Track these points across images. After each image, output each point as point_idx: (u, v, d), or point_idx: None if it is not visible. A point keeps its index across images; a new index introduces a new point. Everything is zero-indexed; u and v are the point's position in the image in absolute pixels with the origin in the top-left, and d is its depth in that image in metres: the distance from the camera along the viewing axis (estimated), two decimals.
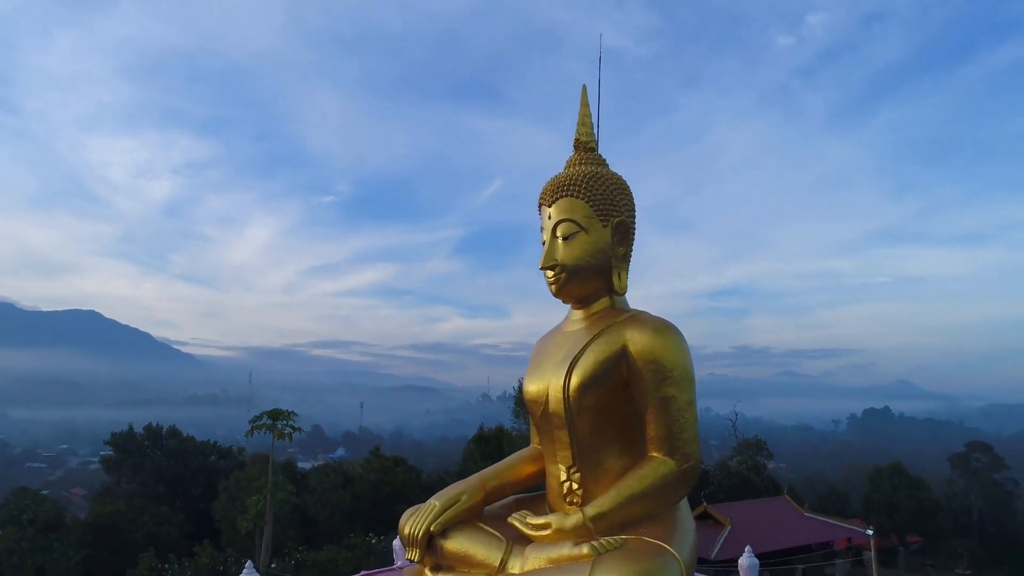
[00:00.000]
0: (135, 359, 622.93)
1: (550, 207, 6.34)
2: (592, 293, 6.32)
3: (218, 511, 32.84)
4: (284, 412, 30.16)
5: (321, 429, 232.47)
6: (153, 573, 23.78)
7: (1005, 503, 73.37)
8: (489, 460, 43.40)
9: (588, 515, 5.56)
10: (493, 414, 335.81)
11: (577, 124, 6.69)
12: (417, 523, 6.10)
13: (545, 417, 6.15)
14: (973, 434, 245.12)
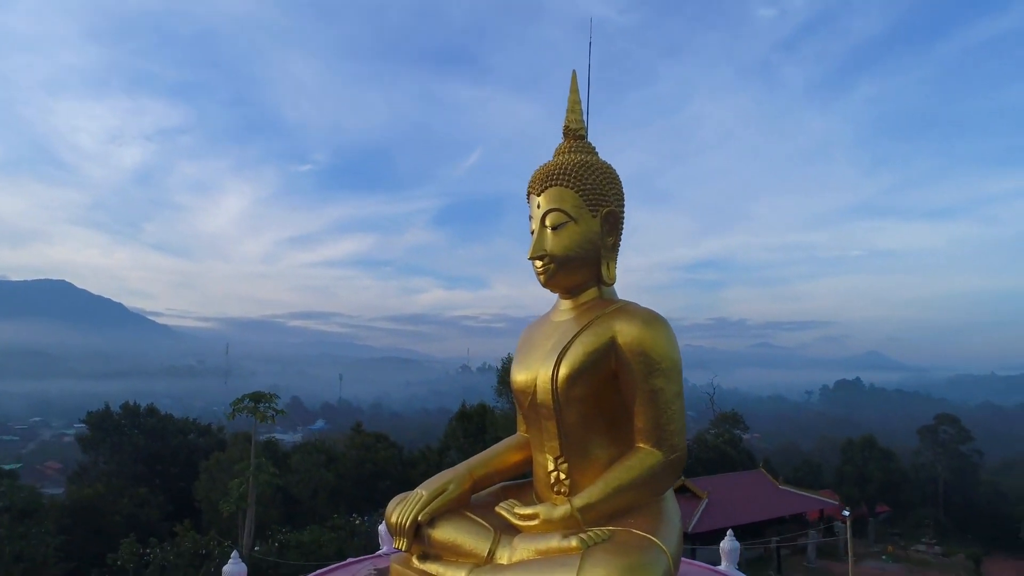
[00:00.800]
0: (108, 330, 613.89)
1: (539, 196, 6.28)
2: (581, 283, 6.30)
3: (199, 492, 32.69)
4: (266, 395, 29.99)
5: (300, 401, 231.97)
6: (135, 558, 23.69)
7: (970, 474, 75.56)
8: (471, 438, 43.95)
9: (576, 506, 5.59)
10: (473, 385, 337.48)
11: (567, 111, 6.57)
12: (405, 512, 6.13)
13: (533, 407, 6.14)
14: (941, 405, 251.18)
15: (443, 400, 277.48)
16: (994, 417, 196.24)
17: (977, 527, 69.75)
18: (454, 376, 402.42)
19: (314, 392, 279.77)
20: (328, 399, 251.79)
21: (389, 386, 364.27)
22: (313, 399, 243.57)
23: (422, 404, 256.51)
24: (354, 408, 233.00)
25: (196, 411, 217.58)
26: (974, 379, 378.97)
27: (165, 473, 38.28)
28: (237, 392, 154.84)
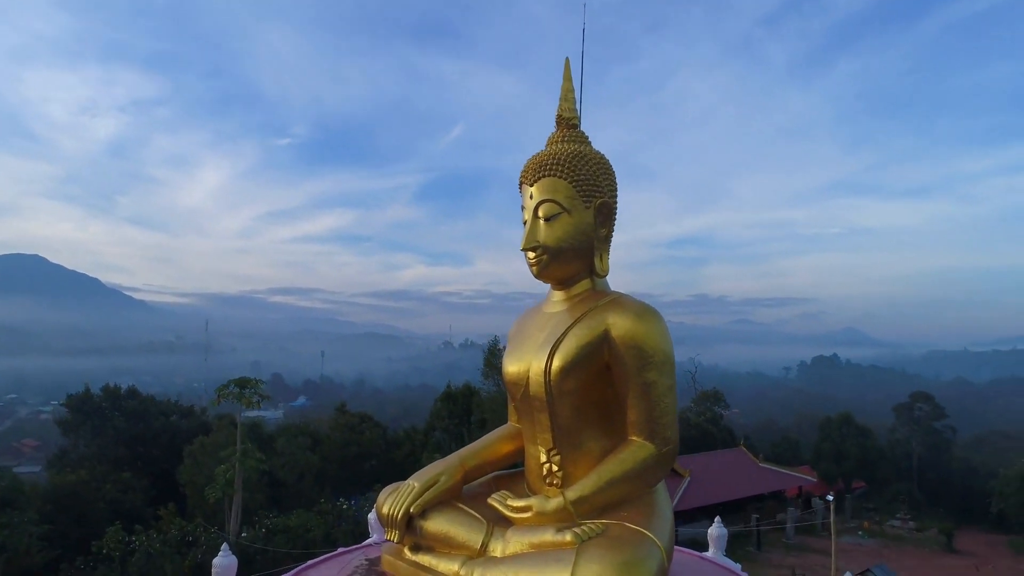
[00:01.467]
0: (84, 306, 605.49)
1: (532, 186, 6.21)
2: (573, 275, 6.27)
3: (183, 476, 32.40)
4: (251, 380, 29.72)
5: (281, 377, 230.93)
6: (121, 546, 23.45)
7: (943, 450, 77.27)
8: (456, 419, 43.90)
9: (569, 499, 5.62)
10: (456, 362, 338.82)
11: (560, 99, 6.48)
12: (396, 504, 6.12)
13: (525, 399, 6.14)
14: (915, 381, 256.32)
15: (425, 376, 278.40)
16: (966, 393, 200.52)
17: (949, 501, 71.54)
18: (436, 352, 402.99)
19: (295, 369, 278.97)
20: (310, 376, 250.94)
21: (371, 362, 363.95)
22: (295, 376, 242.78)
23: (404, 380, 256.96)
24: (336, 385, 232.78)
25: (176, 388, 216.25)
26: (947, 355, 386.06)
27: (147, 456, 37.90)
28: (217, 369, 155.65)
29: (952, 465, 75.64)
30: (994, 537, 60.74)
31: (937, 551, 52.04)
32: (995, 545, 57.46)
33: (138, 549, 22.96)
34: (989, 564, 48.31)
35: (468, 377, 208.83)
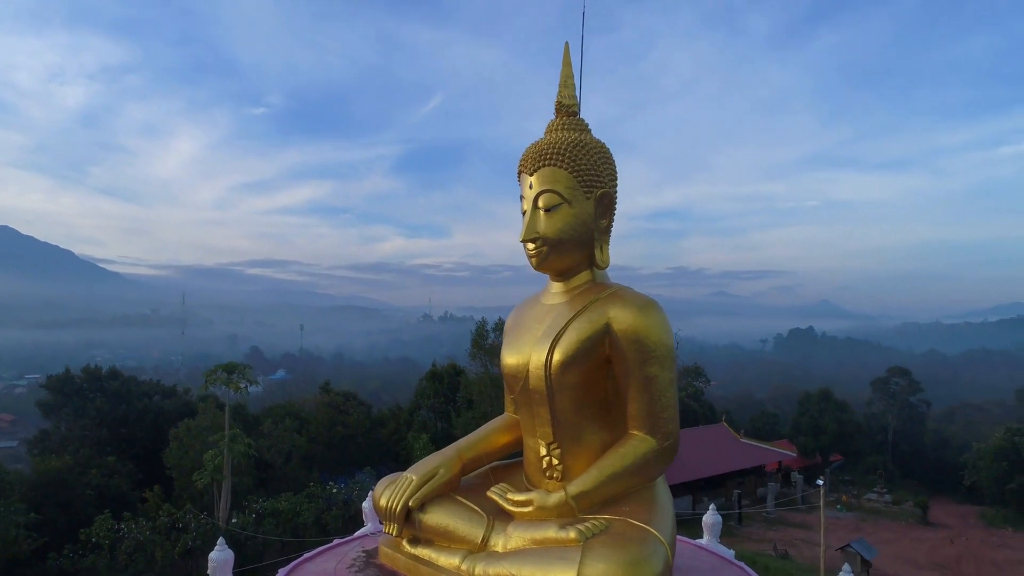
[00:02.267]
0: (57, 278, 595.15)
1: (531, 176, 6.06)
2: (573, 266, 6.18)
3: (169, 459, 31.90)
4: (239, 365, 29.20)
5: (260, 351, 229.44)
6: (111, 534, 22.98)
7: (918, 423, 78.97)
8: (442, 397, 43.57)
9: (570, 493, 5.60)
10: (435, 335, 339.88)
11: (559, 85, 6.30)
12: (395, 497, 6.07)
13: (525, 392, 6.07)
14: (888, 353, 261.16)
15: (405, 350, 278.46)
16: (938, 365, 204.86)
17: (922, 473, 73.29)
18: (415, 325, 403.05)
19: (274, 342, 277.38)
20: (289, 349, 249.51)
21: (350, 335, 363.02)
22: (273, 349, 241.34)
23: (384, 354, 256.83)
24: (315, 358, 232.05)
25: (152, 361, 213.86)
26: (920, 327, 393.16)
27: (131, 438, 37.27)
28: (194, 342, 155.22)
29: (925, 438, 77.30)
30: (966, 508, 62.33)
31: (913, 524, 53.25)
32: (967, 517, 58.97)
33: (127, 537, 22.54)
34: (963, 536, 49.42)
35: (448, 351, 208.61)
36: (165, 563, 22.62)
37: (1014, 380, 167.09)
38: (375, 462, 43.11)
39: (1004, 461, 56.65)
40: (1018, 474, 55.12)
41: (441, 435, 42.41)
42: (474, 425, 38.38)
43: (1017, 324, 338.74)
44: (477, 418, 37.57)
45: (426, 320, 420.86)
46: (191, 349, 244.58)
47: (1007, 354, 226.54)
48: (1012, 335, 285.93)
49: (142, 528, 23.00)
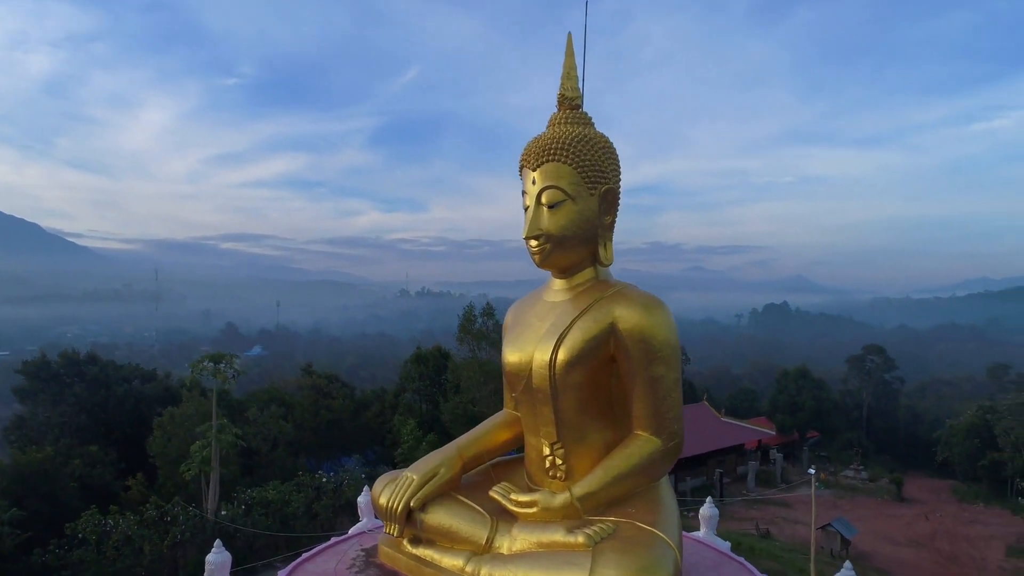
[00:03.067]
0: (24, 252, 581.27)
1: (534, 171, 5.95)
2: (576, 263, 6.12)
3: (153, 448, 31.31)
4: (225, 355, 28.59)
5: (235, 327, 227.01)
6: (97, 529, 22.47)
7: (892, 399, 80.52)
8: (427, 380, 43.27)
9: (576, 495, 5.57)
10: (412, 310, 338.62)
11: (562, 77, 6.17)
12: (395, 497, 6.00)
13: (528, 391, 6.02)
14: (860, 328, 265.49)
15: (383, 325, 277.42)
16: (909, 339, 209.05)
17: (895, 448, 74.97)
18: (393, 300, 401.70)
19: (249, 317, 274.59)
20: (265, 325, 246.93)
21: (326, 310, 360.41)
22: (248, 325, 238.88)
23: (361, 329, 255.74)
24: (292, 334, 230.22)
25: (125, 337, 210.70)
26: (890, 302, 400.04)
27: (112, 424, 36.51)
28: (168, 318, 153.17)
29: (898, 414, 78.93)
30: (937, 483, 63.90)
31: (888, 500, 54.43)
32: (939, 492, 60.45)
33: (115, 532, 22.07)
34: (937, 512, 50.62)
35: (426, 326, 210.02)
36: (154, 556, 22.27)
37: (981, 354, 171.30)
38: (361, 447, 42.89)
39: (976, 439, 58.00)
40: (990, 451, 56.47)
41: (428, 419, 42.25)
42: (462, 411, 38.44)
43: (984, 299, 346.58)
44: (465, 403, 37.41)
45: (403, 295, 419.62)
46: (165, 325, 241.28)
47: (975, 329, 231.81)
48: (979, 310, 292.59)
49: (129, 522, 22.55)
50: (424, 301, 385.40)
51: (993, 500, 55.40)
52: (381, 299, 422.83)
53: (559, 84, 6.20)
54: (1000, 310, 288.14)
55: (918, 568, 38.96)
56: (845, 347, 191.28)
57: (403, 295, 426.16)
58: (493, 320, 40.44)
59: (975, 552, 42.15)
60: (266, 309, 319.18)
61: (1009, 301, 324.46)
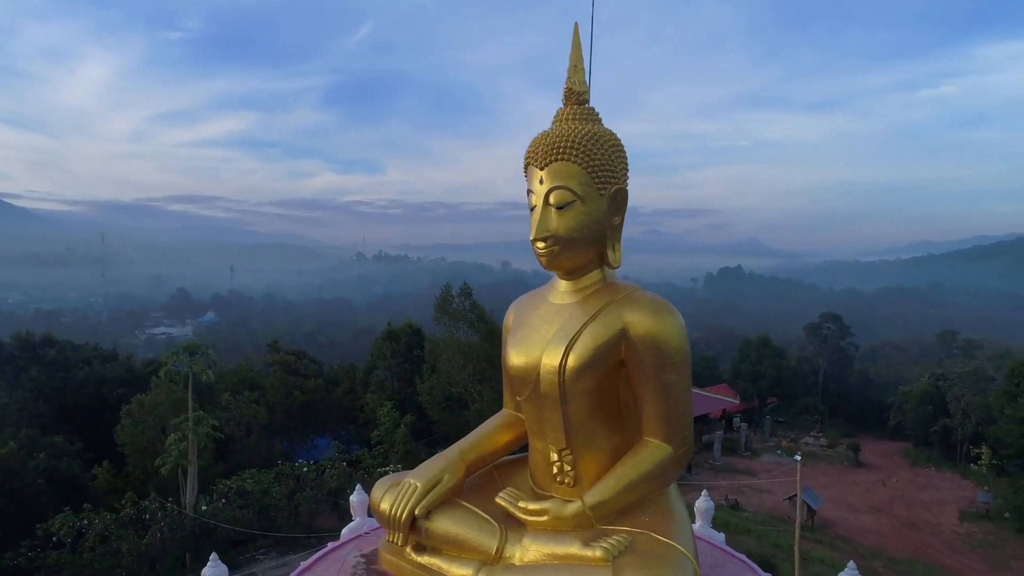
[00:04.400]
0: None
1: (542, 170, 5.77)
2: (584, 265, 6.00)
3: (122, 437, 30.16)
4: (200, 344, 27.47)
5: (187, 292, 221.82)
6: (72, 531, 21.54)
7: (846, 365, 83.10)
8: (399, 358, 42.69)
9: (588, 504, 5.50)
10: (369, 274, 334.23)
11: (568, 70, 5.93)
12: (399, 504, 5.88)
13: (535, 396, 5.91)
14: (811, 291, 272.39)
15: (339, 289, 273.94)
16: (858, 303, 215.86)
17: (848, 412, 77.70)
18: (349, 264, 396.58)
19: (201, 282, 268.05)
20: (218, 290, 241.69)
21: (281, 275, 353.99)
22: (201, 290, 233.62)
23: (317, 294, 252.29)
24: (246, 299, 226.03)
25: (71, 303, 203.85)
26: (839, 265, 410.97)
27: (72, 410, 35.07)
28: (116, 284, 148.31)
29: (852, 379, 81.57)
30: (889, 445, 66.48)
31: (847, 466, 56.37)
32: (892, 455, 62.90)
33: (90, 532, 21.21)
34: (893, 478, 52.65)
35: (383, 290, 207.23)
36: (132, 556, 21.57)
37: (925, 317, 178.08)
38: (334, 427, 42.35)
39: (929, 405, 60.23)
40: (941, 417, 58.75)
41: (400, 397, 41.80)
42: (440, 391, 38.11)
43: (928, 262, 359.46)
44: (443, 384, 37.08)
45: (360, 259, 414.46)
46: (112, 291, 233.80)
47: (919, 292, 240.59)
48: (923, 273, 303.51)
49: (106, 521, 21.72)
50: (381, 265, 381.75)
51: (944, 464, 57.89)
52: (337, 263, 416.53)
53: (565, 77, 5.90)
54: (942, 273, 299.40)
55: (879, 535, 40.59)
56: (798, 311, 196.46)
57: (360, 259, 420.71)
58: (471, 300, 40.03)
59: (931, 517, 44.08)
60: (219, 274, 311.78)
61: (950, 265, 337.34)
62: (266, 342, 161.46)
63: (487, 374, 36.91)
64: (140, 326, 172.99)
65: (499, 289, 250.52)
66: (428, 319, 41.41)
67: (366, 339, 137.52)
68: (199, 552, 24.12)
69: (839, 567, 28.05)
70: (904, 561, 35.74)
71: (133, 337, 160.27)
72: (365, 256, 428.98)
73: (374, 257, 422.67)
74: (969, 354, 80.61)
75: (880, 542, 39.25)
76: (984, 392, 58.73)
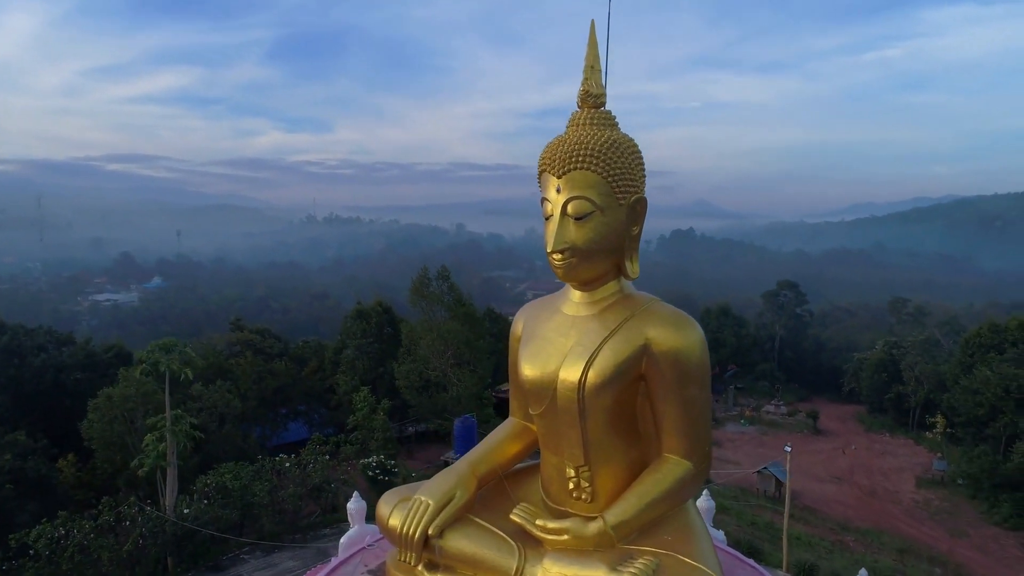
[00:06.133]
0: None
1: (559, 179, 5.50)
2: (600, 276, 5.78)
3: (90, 432, 28.70)
4: (176, 342, 26.08)
5: (131, 256, 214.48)
6: (51, 544, 20.39)
7: (801, 331, 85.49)
8: (370, 338, 42.01)
9: (610, 523, 5.38)
10: (320, 236, 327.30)
11: (584, 71, 5.61)
12: (411, 523, 5.69)
13: (552, 411, 5.75)
14: (761, 253, 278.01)
15: (291, 252, 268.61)
16: (805, 264, 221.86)
17: (802, 377, 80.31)
18: (300, 226, 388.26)
19: (145, 246, 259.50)
20: (164, 254, 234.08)
21: (229, 237, 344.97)
22: (146, 254, 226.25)
23: (268, 257, 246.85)
24: (194, 264, 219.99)
25: (7, 269, 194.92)
26: (786, 226, 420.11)
27: (32, 399, 33.25)
28: (54, 247, 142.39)
29: (805, 344, 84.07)
30: (842, 408, 69.04)
31: (807, 434, 58.21)
32: (846, 420, 65.30)
33: (68, 543, 20.18)
34: (852, 446, 54.58)
35: (335, 253, 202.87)
36: (112, 564, 20.71)
37: (869, 279, 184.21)
38: (306, 411, 41.50)
39: (884, 373, 62.41)
40: (895, 384, 61.00)
41: (373, 377, 41.12)
42: (417, 376, 37.55)
43: (870, 224, 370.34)
44: (419, 368, 36.53)
45: (311, 221, 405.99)
46: (51, 255, 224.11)
47: (864, 253, 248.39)
48: (866, 234, 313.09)
49: (84, 530, 20.73)
50: (333, 227, 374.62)
51: (897, 430, 60.31)
52: (287, 225, 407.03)
53: (582, 78, 5.57)
54: (884, 235, 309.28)
55: (844, 505, 42.12)
56: (750, 275, 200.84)
57: (310, 221, 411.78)
58: (448, 283, 39.24)
59: (890, 485, 45.94)
60: (164, 237, 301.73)
61: (892, 226, 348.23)
62: (217, 307, 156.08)
63: (465, 358, 36.47)
64: (82, 292, 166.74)
65: (455, 252, 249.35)
66: (383, 282, 40.16)
67: (321, 305, 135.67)
68: (181, 555, 23.40)
69: (815, 544, 28.80)
70: (871, 532, 37.13)
71: (75, 304, 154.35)
72: (316, 218, 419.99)
73: (325, 219, 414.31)
74: (918, 320, 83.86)
75: (845, 512, 40.70)
76: (936, 360, 61.14)
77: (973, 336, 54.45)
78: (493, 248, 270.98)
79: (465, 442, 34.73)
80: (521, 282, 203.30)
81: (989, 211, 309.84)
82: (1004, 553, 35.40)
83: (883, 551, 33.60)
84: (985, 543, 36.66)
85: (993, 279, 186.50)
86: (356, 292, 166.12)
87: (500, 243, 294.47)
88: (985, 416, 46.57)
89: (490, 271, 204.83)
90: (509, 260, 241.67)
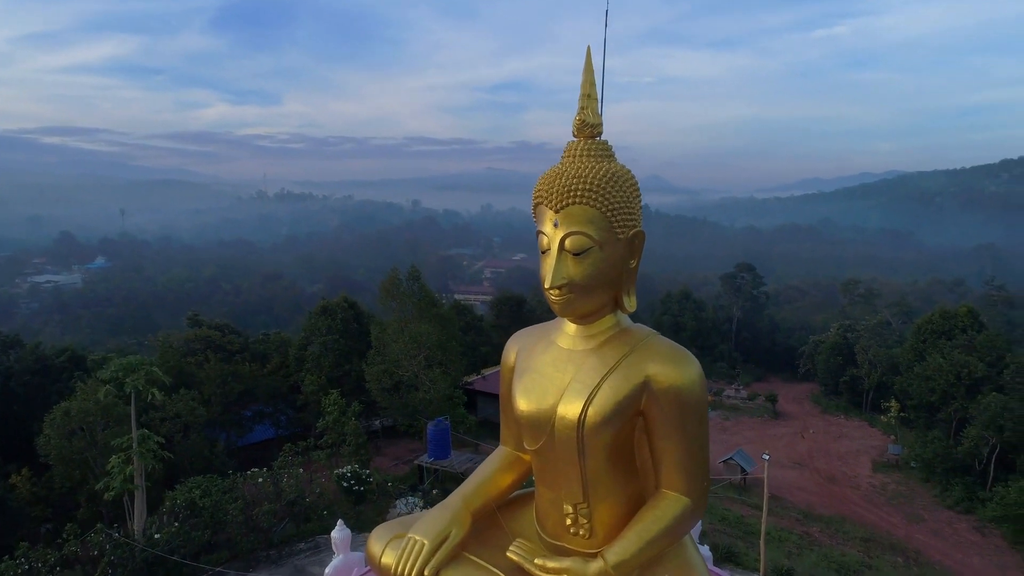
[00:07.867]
0: None
1: (556, 213, 5.33)
2: (597, 310, 5.61)
3: (46, 449, 27.21)
4: (142, 360, 24.74)
5: (72, 235, 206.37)
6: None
7: (758, 312, 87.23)
8: (336, 334, 41.23)
9: (610, 563, 5.25)
10: (271, 213, 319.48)
11: (580, 99, 5.40)
12: (406, 563, 5.50)
13: (549, 448, 5.61)
14: (714, 228, 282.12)
15: (241, 230, 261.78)
16: (756, 241, 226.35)
17: (758, 356, 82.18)
18: (249, 203, 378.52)
19: (86, 224, 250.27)
20: (107, 233, 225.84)
21: (175, 214, 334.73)
22: (87, 232, 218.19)
23: (217, 235, 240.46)
24: (139, 243, 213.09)
25: None
26: (736, 202, 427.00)
27: None
28: None
29: (761, 324, 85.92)
30: (798, 388, 70.90)
31: (767, 418, 59.54)
32: (802, 401, 67.06)
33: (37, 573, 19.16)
34: (810, 430, 56.07)
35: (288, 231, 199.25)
36: None
37: (818, 255, 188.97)
38: (272, 413, 40.50)
39: (839, 356, 64.15)
40: (850, 367, 62.80)
41: (339, 375, 40.33)
42: (387, 376, 36.91)
43: (816, 199, 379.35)
44: (390, 369, 35.91)
45: (261, 197, 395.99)
46: None
47: (812, 229, 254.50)
48: (814, 210, 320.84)
49: (47, 561, 19.75)
50: (285, 204, 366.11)
51: (852, 412, 62.18)
52: (236, 201, 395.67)
53: (577, 107, 5.34)
54: (831, 210, 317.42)
55: (806, 491, 43.25)
56: (704, 251, 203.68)
57: (261, 197, 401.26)
58: (419, 283, 38.48)
59: (848, 469, 47.34)
60: (106, 214, 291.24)
61: (838, 201, 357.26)
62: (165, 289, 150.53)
63: (436, 359, 35.98)
64: (21, 274, 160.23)
65: (411, 230, 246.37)
66: (340, 261, 38.66)
67: (275, 285, 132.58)
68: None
69: (784, 538, 29.28)
70: (834, 520, 38.18)
71: (14, 286, 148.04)
72: (266, 194, 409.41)
73: (276, 195, 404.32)
74: (869, 301, 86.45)
75: (808, 499, 41.79)
76: (887, 343, 63.09)
77: (925, 322, 56.21)
78: (449, 225, 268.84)
79: (439, 445, 34.45)
80: (478, 260, 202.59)
81: (929, 188, 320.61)
82: (959, 538, 36.83)
83: (848, 542, 34.58)
84: (940, 527, 38.10)
85: (933, 254, 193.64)
86: (311, 272, 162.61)
87: (456, 220, 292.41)
88: (937, 401, 48.29)
89: (447, 249, 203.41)
90: (466, 238, 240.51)
